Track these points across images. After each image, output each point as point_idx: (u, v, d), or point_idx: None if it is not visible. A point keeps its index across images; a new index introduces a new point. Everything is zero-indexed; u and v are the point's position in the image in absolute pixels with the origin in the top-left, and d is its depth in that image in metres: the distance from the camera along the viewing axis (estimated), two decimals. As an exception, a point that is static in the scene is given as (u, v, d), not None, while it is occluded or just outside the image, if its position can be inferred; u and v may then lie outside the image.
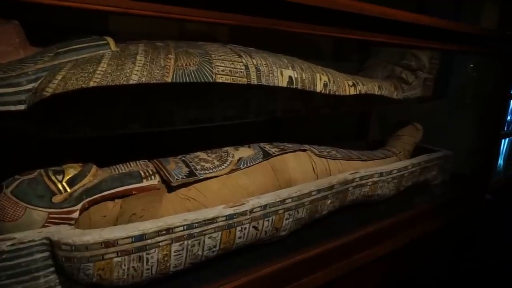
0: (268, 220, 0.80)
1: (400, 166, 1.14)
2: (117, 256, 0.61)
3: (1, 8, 0.61)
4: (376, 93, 1.12)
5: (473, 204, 1.43)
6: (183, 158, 0.82)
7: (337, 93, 0.97)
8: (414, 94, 1.27)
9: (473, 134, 1.63)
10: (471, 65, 1.88)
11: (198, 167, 0.79)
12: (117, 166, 0.76)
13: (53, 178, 0.65)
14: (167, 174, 0.75)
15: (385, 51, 1.38)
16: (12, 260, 0.56)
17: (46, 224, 0.62)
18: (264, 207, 0.78)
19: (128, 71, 0.64)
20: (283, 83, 0.84)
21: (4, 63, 0.59)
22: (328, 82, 0.94)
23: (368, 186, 1.06)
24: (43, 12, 0.83)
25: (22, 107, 0.58)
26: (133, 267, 0.63)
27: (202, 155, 0.85)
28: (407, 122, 1.36)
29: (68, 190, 0.66)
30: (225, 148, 0.90)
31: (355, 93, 1.03)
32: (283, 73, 0.84)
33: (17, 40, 0.62)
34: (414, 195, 1.24)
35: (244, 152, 0.89)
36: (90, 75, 0.61)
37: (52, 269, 0.60)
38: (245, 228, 0.76)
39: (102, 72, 0.62)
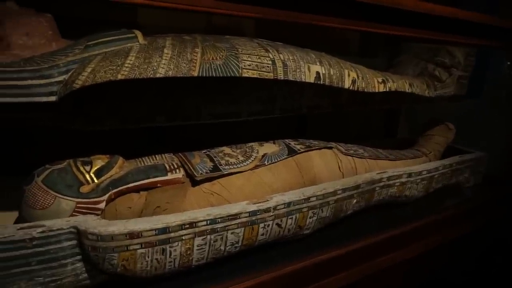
0: (292, 218, 0.78)
1: (430, 167, 1.10)
2: (141, 248, 0.61)
3: (36, 2, 0.63)
4: (407, 90, 1.08)
5: (506, 207, 1.36)
6: (208, 153, 0.82)
7: (365, 90, 0.94)
8: (447, 93, 1.21)
9: (508, 135, 1.55)
10: (508, 63, 1.78)
11: (223, 162, 0.79)
12: (143, 158, 0.77)
13: (81, 168, 0.67)
14: (191, 168, 0.75)
15: (417, 47, 1.32)
16: (42, 246, 0.58)
17: (73, 213, 0.64)
18: (288, 204, 0.76)
19: (155, 64, 0.64)
20: (310, 78, 0.82)
21: (37, 55, 0.60)
22: (356, 79, 0.92)
23: (395, 187, 1.02)
24: (73, 5, 0.86)
25: (53, 98, 0.60)
26: (156, 259, 0.64)
27: (226, 150, 0.85)
28: (438, 121, 1.31)
29: (96, 181, 0.67)
30: (250, 144, 0.89)
31: (384, 90, 1.00)
32: (310, 68, 0.82)
33: (50, 33, 0.63)
34: (444, 197, 1.19)
35: (269, 148, 0.88)
36: (118, 68, 0.62)
37: (79, 257, 0.62)
38: (268, 225, 0.75)
39: (129, 65, 0.63)
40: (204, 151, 0.84)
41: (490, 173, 1.36)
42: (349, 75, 0.90)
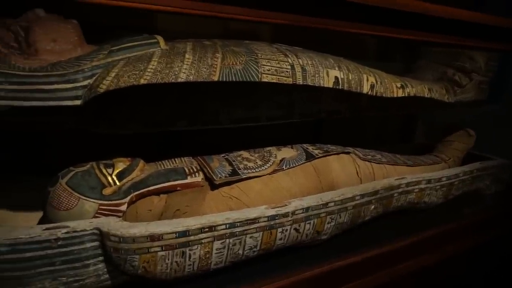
0: (310, 223, 0.78)
1: (450, 173, 1.08)
2: (162, 250, 0.62)
3: (63, 8, 0.65)
4: (426, 95, 1.06)
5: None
6: (226, 157, 0.83)
7: (384, 95, 0.94)
8: (467, 98, 1.19)
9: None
10: None
11: (241, 166, 0.80)
12: (163, 161, 0.78)
13: (104, 171, 0.68)
14: (210, 172, 0.75)
15: (436, 51, 1.31)
16: (66, 247, 0.59)
17: (96, 215, 0.65)
18: (307, 209, 0.76)
19: (177, 69, 0.65)
20: (329, 83, 0.82)
21: (63, 60, 0.62)
22: (375, 84, 0.91)
23: (414, 193, 1.01)
24: (97, 12, 0.88)
25: (78, 102, 0.61)
26: (176, 262, 0.64)
27: (245, 154, 0.85)
28: (458, 126, 1.29)
29: (118, 183, 0.68)
30: (268, 148, 0.89)
31: (403, 95, 0.99)
32: (329, 73, 0.82)
33: (75, 39, 0.65)
34: (464, 204, 1.17)
35: (287, 152, 0.88)
36: (141, 72, 0.63)
37: (101, 258, 0.63)
38: (286, 230, 0.75)
39: (152, 70, 0.64)
40: (222, 155, 0.84)
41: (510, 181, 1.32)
42: (367, 80, 0.89)
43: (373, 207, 0.92)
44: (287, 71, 0.75)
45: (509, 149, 1.38)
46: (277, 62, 0.75)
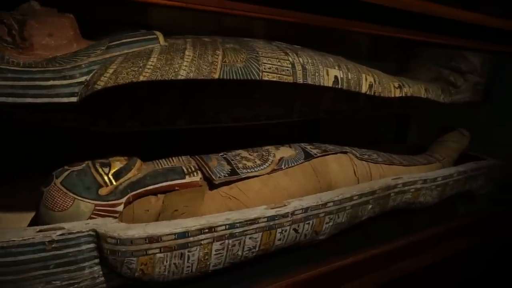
0: (309, 223, 0.77)
1: (445, 173, 1.09)
2: (160, 252, 0.61)
3: (58, 2, 0.62)
4: (423, 96, 1.07)
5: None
6: (225, 156, 0.82)
7: (382, 95, 0.94)
8: (462, 99, 1.20)
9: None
10: None
11: (240, 165, 0.78)
12: (160, 160, 0.76)
13: (100, 170, 0.66)
14: (209, 172, 0.74)
15: (430, 52, 1.31)
16: (60, 249, 0.57)
17: (92, 216, 0.63)
18: (306, 209, 0.76)
19: (177, 66, 0.63)
20: (329, 83, 0.81)
21: (59, 55, 0.59)
22: (373, 83, 0.91)
23: (410, 193, 1.01)
24: (92, 6, 0.85)
25: (74, 99, 0.59)
26: (174, 263, 0.63)
27: (243, 153, 0.84)
28: (452, 127, 1.30)
29: (114, 183, 0.66)
30: (266, 147, 0.88)
31: (400, 95, 0.99)
32: (329, 72, 0.81)
33: (71, 33, 0.62)
34: (458, 204, 1.18)
35: (285, 152, 0.87)
36: (140, 69, 0.61)
37: (96, 260, 0.61)
38: (285, 230, 0.74)
39: (151, 67, 0.62)
40: (220, 154, 0.83)
41: (506, 181, 1.34)
42: (366, 80, 0.89)
43: (370, 207, 0.91)
44: (287, 70, 0.74)
45: (500, 150, 1.40)
46: (277, 60, 0.74)
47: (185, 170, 0.73)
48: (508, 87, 1.41)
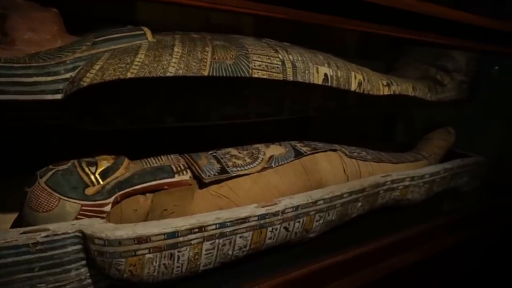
0: (299, 221, 0.77)
1: (433, 170, 1.10)
2: (149, 253, 0.59)
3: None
4: (410, 94, 1.08)
5: (506, 212, 1.37)
6: (214, 154, 0.81)
7: (371, 93, 0.94)
8: (448, 97, 1.22)
9: (502, 141, 1.56)
10: (496, 67, 1.78)
11: (230, 163, 0.77)
12: (148, 159, 0.75)
13: (86, 169, 0.64)
14: (199, 170, 0.73)
15: (417, 50, 1.32)
16: (45, 251, 0.55)
17: (78, 216, 0.61)
18: (296, 208, 0.75)
19: (166, 62, 0.62)
20: (319, 80, 0.81)
21: (43, 51, 0.57)
22: (362, 81, 0.91)
23: (399, 190, 1.02)
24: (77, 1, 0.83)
25: (59, 96, 0.57)
26: (164, 264, 0.62)
27: (233, 151, 0.83)
28: (438, 124, 1.31)
29: (101, 182, 0.64)
30: (256, 145, 0.87)
31: (389, 93, 1.00)
32: (319, 70, 0.81)
33: (55, 28, 0.60)
34: (444, 201, 1.20)
35: (275, 150, 0.87)
36: (128, 66, 0.60)
37: (83, 262, 0.59)
38: (276, 229, 0.73)
39: (139, 63, 0.61)
40: (210, 152, 0.82)
41: (490, 178, 1.36)
42: (355, 77, 0.89)
43: (360, 204, 0.92)
44: (277, 67, 0.74)
45: (485, 147, 1.43)
46: (267, 57, 0.73)
47: (174, 168, 0.72)
48: (494, 86, 1.44)
